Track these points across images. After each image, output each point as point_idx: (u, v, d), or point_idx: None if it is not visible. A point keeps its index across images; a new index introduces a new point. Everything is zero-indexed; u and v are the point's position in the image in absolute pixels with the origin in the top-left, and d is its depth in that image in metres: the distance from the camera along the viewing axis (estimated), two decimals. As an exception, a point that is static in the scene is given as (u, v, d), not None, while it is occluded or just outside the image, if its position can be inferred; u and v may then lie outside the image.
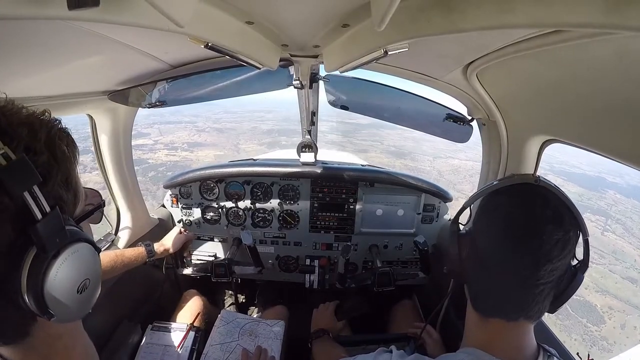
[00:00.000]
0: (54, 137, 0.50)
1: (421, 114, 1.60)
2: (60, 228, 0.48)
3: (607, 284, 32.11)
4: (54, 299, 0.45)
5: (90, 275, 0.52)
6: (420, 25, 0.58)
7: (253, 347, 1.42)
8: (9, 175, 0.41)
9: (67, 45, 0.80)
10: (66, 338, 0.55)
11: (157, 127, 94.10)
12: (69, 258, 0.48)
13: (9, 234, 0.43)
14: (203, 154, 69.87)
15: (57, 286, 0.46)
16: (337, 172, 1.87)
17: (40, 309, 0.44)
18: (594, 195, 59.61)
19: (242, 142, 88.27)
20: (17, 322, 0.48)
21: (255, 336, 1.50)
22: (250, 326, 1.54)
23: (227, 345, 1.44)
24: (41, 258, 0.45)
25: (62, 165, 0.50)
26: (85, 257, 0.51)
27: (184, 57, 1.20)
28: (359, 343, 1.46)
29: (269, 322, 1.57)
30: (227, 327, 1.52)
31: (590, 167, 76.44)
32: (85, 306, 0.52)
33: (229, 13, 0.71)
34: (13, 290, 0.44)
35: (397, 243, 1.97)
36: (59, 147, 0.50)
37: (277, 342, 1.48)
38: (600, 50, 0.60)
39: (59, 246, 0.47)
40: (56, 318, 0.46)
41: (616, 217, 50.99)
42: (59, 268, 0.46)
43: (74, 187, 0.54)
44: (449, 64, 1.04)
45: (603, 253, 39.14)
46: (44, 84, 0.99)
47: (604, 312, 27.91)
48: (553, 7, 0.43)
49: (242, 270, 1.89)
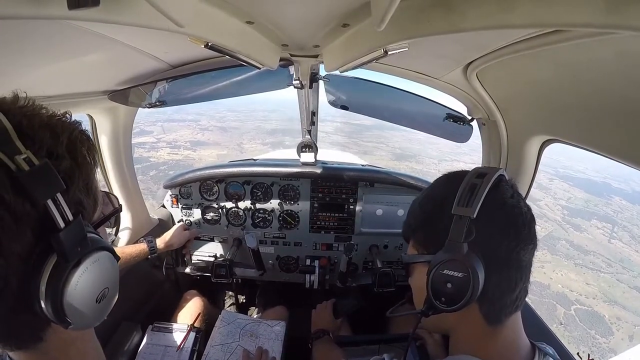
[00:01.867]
0: (75, 141, 0.48)
1: (421, 113, 1.60)
2: (82, 237, 0.46)
3: (615, 294, 31.64)
4: (73, 307, 0.45)
5: (110, 284, 0.51)
6: (420, 25, 0.58)
7: (254, 348, 1.41)
8: (32, 181, 0.40)
9: (67, 45, 0.80)
10: (79, 343, 0.55)
11: (160, 124, 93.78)
12: (90, 267, 0.47)
13: (30, 240, 0.42)
14: (206, 153, 69.59)
15: (76, 296, 0.45)
16: (337, 172, 1.87)
17: (58, 317, 0.44)
18: (600, 202, 58.96)
19: (246, 141, 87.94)
20: (32, 327, 0.47)
21: (256, 337, 1.49)
22: (250, 327, 1.54)
23: (228, 346, 1.43)
24: (62, 267, 0.44)
25: (83, 170, 0.49)
26: (105, 266, 0.50)
27: (184, 57, 1.20)
28: (359, 343, 1.46)
29: (269, 322, 1.57)
30: (227, 327, 1.52)
31: (596, 172, 75.81)
32: (103, 314, 0.52)
33: (229, 13, 0.71)
34: (30, 296, 0.43)
35: (397, 243, 1.97)
36: (80, 151, 0.49)
37: (278, 342, 1.47)
38: (600, 50, 0.60)
39: (80, 255, 0.46)
40: (73, 326, 0.45)
41: (622, 224, 50.36)
42: (80, 277, 0.45)
43: (94, 192, 0.54)
44: (449, 64, 1.04)
45: (610, 261, 38.44)
46: (44, 84, 0.99)
47: (612, 322, 27.37)
48: (553, 7, 0.43)
49: (243, 272, 1.89)
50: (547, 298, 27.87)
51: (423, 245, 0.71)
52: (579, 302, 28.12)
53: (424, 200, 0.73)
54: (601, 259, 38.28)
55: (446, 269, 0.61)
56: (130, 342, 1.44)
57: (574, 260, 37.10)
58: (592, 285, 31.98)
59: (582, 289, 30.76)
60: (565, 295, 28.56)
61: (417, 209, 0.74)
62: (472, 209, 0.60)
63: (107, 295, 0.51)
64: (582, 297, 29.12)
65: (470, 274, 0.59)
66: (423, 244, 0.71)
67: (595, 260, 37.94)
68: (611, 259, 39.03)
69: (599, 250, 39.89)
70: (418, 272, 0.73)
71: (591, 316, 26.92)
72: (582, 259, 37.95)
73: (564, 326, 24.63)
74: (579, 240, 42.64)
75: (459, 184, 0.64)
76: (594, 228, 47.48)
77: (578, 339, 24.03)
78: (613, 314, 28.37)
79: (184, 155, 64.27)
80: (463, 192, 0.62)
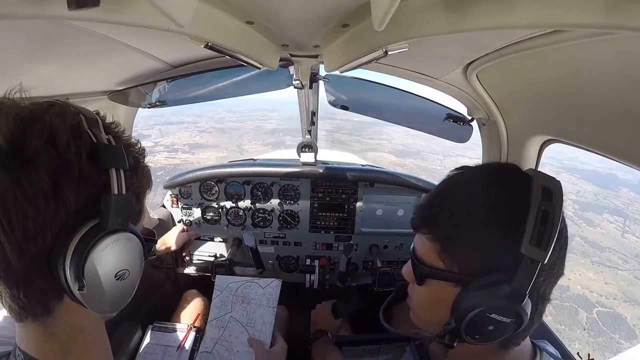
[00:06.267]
0: (140, 160, 0.59)
1: (421, 113, 1.60)
2: (127, 213, 0.51)
3: (635, 292, 30.13)
4: (93, 270, 0.46)
5: (132, 269, 0.53)
6: (420, 25, 0.58)
7: (246, 317, 1.39)
8: (105, 152, 0.48)
9: (67, 45, 0.80)
10: (88, 334, 0.55)
11: (158, 128, 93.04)
12: (121, 241, 0.50)
13: (83, 200, 0.47)
14: (204, 155, 68.93)
15: (100, 260, 0.47)
16: (337, 172, 1.87)
17: (77, 273, 0.45)
18: (609, 194, 57.01)
19: (245, 142, 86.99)
20: (45, 293, 0.48)
21: (247, 302, 1.44)
22: (242, 290, 1.48)
23: (222, 320, 1.41)
24: (98, 229, 0.47)
25: (139, 182, 0.57)
26: (134, 250, 0.53)
27: (184, 57, 1.20)
28: (359, 343, 1.46)
29: (262, 282, 1.49)
30: (221, 296, 1.48)
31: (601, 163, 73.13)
32: (113, 300, 0.52)
33: (229, 13, 0.71)
34: (57, 253, 0.46)
35: (397, 243, 1.97)
36: (142, 169, 0.58)
37: (269, 310, 1.41)
38: (600, 50, 0.60)
39: (119, 226, 0.49)
40: (85, 292, 0.46)
41: (634, 217, 48.55)
42: (110, 245, 0.48)
43: (141, 206, 0.60)
44: (449, 64, 1.04)
45: (627, 257, 36.57)
46: (44, 84, 0.98)
47: (634, 325, 25.80)
48: (553, 7, 0.43)
49: (242, 271, 1.89)
50: (568, 302, 26.15)
51: (458, 262, 0.57)
52: (600, 304, 26.91)
53: (477, 209, 0.57)
54: (617, 255, 36.97)
55: (495, 314, 0.52)
56: (130, 341, 1.44)
57: (590, 258, 35.43)
58: (612, 285, 30.73)
59: (602, 289, 29.40)
60: (586, 297, 27.18)
61: (465, 215, 0.58)
62: (545, 253, 0.49)
63: (125, 278, 0.52)
64: (602, 299, 27.76)
65: (520, 320, 0.52)
66: (458, 261, 0.57)
67: (612, 257, 36.58)
68: (627, 254, 37.38)
69: (614, 246, 38.58)
70: (436, 288, 0.60)
71: (614, 319, 25.49)
72: (599, 256, 36.33)
73: (587, 332, 23.16)
74: (593, 236, 40.91)
75: (523, 197, 0.52)
76: (606, 222, 45.76)
77: (603, 346, 22.36)
78: (635, 315, 26.95)
79: (182, 159, 63.59)
80: (535, 222, 0.50)
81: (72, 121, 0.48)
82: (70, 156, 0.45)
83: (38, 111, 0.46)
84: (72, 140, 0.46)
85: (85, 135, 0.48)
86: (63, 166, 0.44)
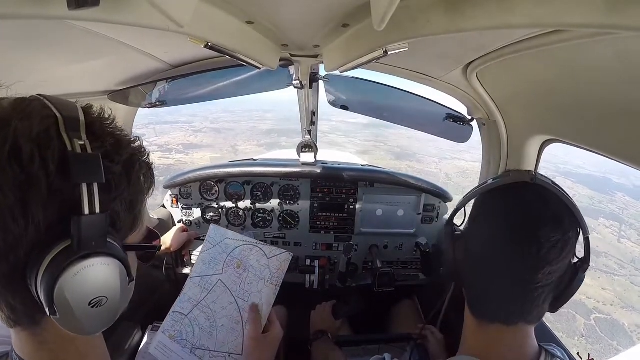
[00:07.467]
0: (134, 162, 0.52)
1: (421, 113, 1.60)
2: (101, 235, 0.46)
3: (632, 298, 30.05)
4: (63, 297, 0.43)
5: (110, 296, 0.48)
6: (420, 25, 0.58)
7: (239, 286, 1.09)
8: (77, 162, 0.43)
9: (67, 45, 0.80)
10: (80, 343, 0.53)
11: (153, 127, 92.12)
12: (95, 267, 0.45)
13: (54, 215, 0.43)
14: (198, 156, 67.88)
15: (70, 287, 0.43)
16: (337, 172, 1.87)
17: (47, 298, 0.42)
18: (604, 199, 57.07)
19: (240, 143, 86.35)
20: (28, 307, 0.46)
21: (244, 269, 1.10)
22: (241, 252, 1.13)
23: (207, 280, 1.13)
24: (70, 252, 0.43)
25: (132, 189, 0.51)
26: (113, 276, 0.48)
27: (184, 57, 1.20)
28: (359, 343, 1.46)
29: (267, 250, 1.12)
30: (212, 251, 1.17)
31: (595, 167, 73.75)
32: (92, 324, 0.48)
33: (229, 13, 0.71)
34: (30, 270, 0.43)
35: (397, 243, 1.97)
36: (137, 172, 0.52)
37: (270, 287, 1.09)
38: (600, 50, 0.60)
39: (92, 250, 0.45)
40: (59, 318, 0.44)
41: (630, 222, 48.48)
42: (81, 271, 0.44)
43: (137, 214, 0.54)
44: (449, 64, 1.04)
45: (623, 263, 36.64)
46: (44, 84, 0.99)
47: (631, 331, 25.85)
48: (553, 7, 0.43)
49: None
50: (565, 307, 26.19)
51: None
52: (597, 310, 26.80)
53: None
54: (613, 260, 36.83)
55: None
56: (130, 342, 1.44)
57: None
58: (608, 290, 30.62)
59: (599, 294, 29.31)
60: (583, 304, 27.00)
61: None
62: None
63: (103, 305, 0.47)
64: (600, 305, 27.71)
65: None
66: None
67: (608, 263, 36.46)
68: (623, 260, 37.38)
69: (610, 252, 38.48)
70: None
71: (611, 325, 25.48)
72: (595, 262, 35.95)
73: (585, 338, 23.06)
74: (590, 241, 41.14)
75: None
76: (602, 227, 45.35)
77: (602, 353, 22.31)
78: (632, 322, 26.99)
79: (176, 160, 62.38)
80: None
81: (40, 127, 0.42)
82: (34, 170, 0.41)
83: (5, 113, 0.42)
84: (37, 151, 0.41)
85: (54, 143, 0.43)
86: (28, 181, 0.41)
